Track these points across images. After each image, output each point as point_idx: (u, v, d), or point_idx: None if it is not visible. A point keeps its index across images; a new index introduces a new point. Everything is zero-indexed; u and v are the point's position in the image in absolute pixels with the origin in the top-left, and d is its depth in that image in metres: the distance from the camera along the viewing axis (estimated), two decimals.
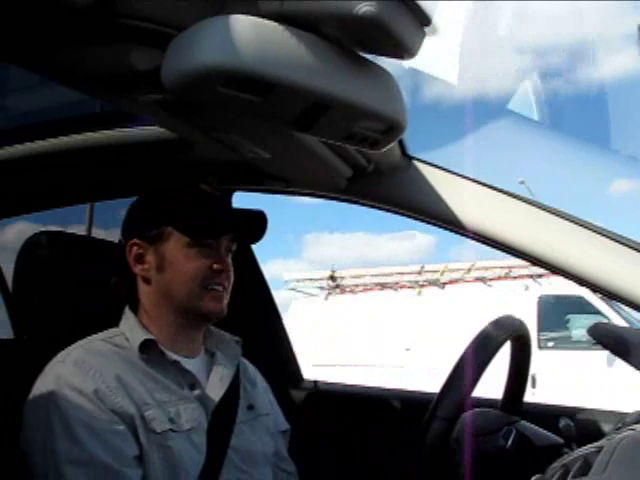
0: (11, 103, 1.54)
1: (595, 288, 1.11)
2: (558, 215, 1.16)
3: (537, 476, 0.84)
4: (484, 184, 1.24)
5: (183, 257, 1.18)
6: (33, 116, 1.52)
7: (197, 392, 1.19)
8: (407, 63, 0.89)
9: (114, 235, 1.39)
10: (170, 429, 1.11)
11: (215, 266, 1.19)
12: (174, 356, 1.19)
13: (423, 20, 0.83)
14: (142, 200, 1.28)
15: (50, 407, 1.06)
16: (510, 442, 1.13)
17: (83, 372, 1.09)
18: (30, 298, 1.37)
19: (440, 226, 1.30)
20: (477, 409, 1.24)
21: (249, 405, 1.29)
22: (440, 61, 1.25)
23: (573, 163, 1.33)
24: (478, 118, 1.38)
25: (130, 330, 1.20)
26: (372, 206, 1.40)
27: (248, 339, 1.38)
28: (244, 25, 0.76)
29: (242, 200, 1.73)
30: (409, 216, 1.34)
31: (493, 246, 1.23)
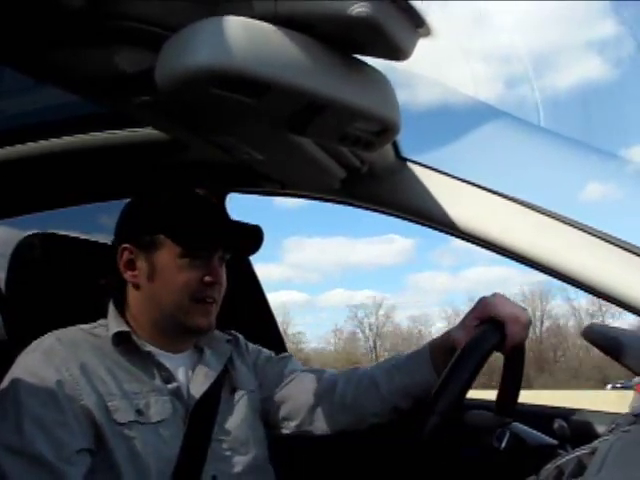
0: (2, 105, 1.53)
1: (592, 291, 1.12)
2: (554, 217, 1.16)
3: (531, 477, 0.85)
4: (478, 186, 1.24)
5: (174, 267, 1.17)
6: (26, 118, 1.52)
7: (172, 385, 1.18)
8: (401, 64, 0.89)
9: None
10: (135, 420, 1.10)
11: (207, 279, 1.18)
12: (149, 347, 1.18)
13: (417, 21, 0.83)
14: (136, 204, 1.26)
15: (9, 392, 1.06)
16: (504, 443, 1.13)
17: (49, 360, 1.09)
18: (23, 299, 1.37)
19: (433, 228, 1.30)
20: (471, 411, 1.24)
21: (231, 389, 1.29)
22: (434, 62, 1.25)
23: (565, 164, 1.34)
24: (472, 120, 1.38)
25: (110, 321, 1.20)
26: (366, 207, 1.40)
27: None
28: (238, 26, 0.75)
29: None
30: (403, 217, 1.34)
31: (486, 248, 1.23)
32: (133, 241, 1.20)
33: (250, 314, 1.88)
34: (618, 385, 26.90)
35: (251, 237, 1.24)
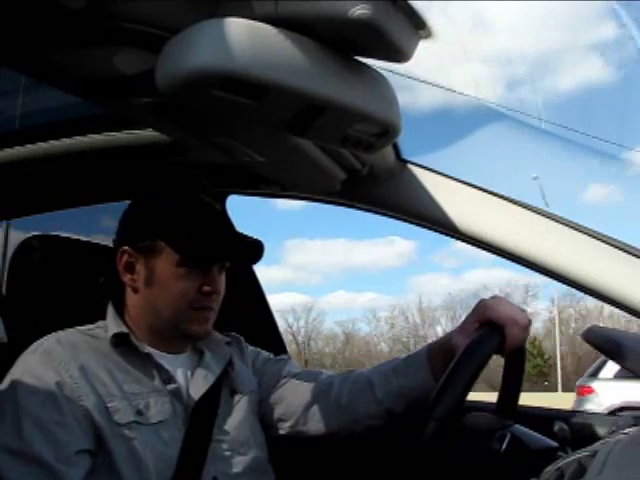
0: (1, 106, 1.53)
1: (591, 292, 1.11)
2: (556, 220, 1.16)
3: None
4: (479, 187, 1.24)
5: (172, 275, 1.16)
6: (25, 120, 1.52)
7: (171, 386, 1.18)
8: (402, 66, 0.89)
9: None
10: (135, 421, 1.10)
11: (205, 288, 1.17)
12: (148, 348, 1.18)
13: (418, 23, 0.83)
14: (138, 207, 1.25)
15: (8, 393, 1.06)
16: (505, 446, 1.12)
17: (49, 362, 1.09)
18: (23, 301, 1.37)
19: (434, 229, 1.30)
20: (472, 413, 1.24)
21: (231, 391, 1.29)
22: (435, 64, 1.25)
23: (566, 166, 1.34)
24: (473, 122, 1.38)
25: (108, 322, 1.20)
26: (366, 209, 1.40)
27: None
28: (238, 28, 0.75)
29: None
30: (403, 219, 1.34)
31: (487, 250, 1.23)
32: (133, 244, 1.19)
33: (250, 316, 1.87)
34: None
35: (252, 252, 1.24)
